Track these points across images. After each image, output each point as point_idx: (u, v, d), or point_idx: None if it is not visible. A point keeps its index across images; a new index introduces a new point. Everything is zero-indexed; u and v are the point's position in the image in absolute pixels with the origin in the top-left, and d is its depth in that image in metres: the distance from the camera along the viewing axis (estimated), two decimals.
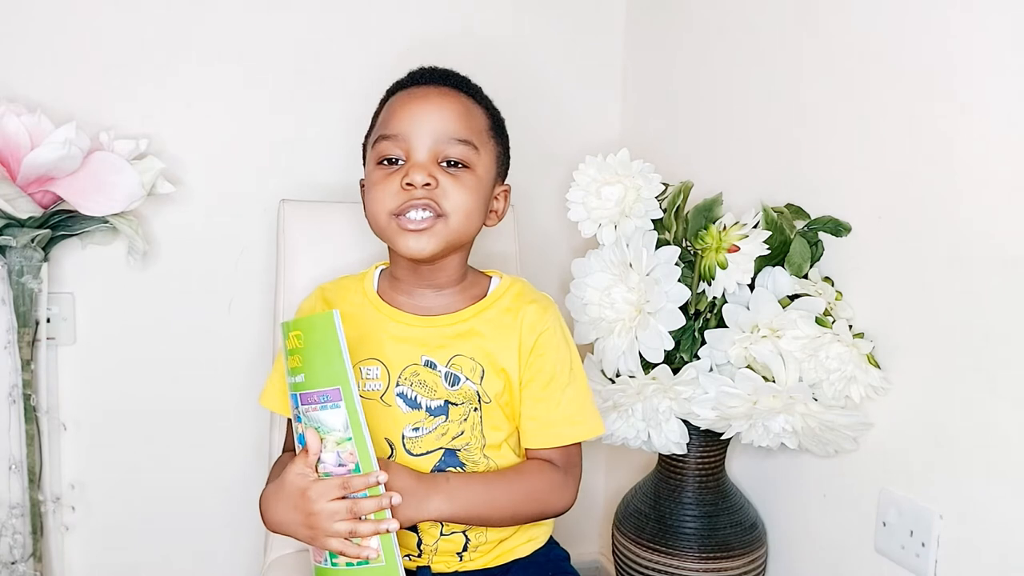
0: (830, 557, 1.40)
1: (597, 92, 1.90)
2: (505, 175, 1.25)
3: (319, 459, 1.04)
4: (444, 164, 1.14)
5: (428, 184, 1.11)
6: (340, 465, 1.02)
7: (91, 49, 1.54)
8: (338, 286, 1.27)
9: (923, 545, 1.20)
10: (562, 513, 1.20)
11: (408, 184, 1.11)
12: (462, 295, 1.22)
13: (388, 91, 1.24)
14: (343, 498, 1.02)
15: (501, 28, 1.79)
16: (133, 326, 1.61)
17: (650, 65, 1.84)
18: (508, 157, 1.26)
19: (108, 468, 1.62)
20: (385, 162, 1.15)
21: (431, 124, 1.13)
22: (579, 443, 1.22)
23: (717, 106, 1.64)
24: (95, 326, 1.59)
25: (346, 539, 1.02)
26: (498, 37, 1.79)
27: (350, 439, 1.01)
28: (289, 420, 1.24)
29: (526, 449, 1.22)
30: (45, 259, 1.48)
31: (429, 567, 1.19)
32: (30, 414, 1.50)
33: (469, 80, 1.23)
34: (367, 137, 1.23)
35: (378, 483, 1.02)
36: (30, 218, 1.43)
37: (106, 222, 1.48)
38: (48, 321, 1.53)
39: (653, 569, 1.42)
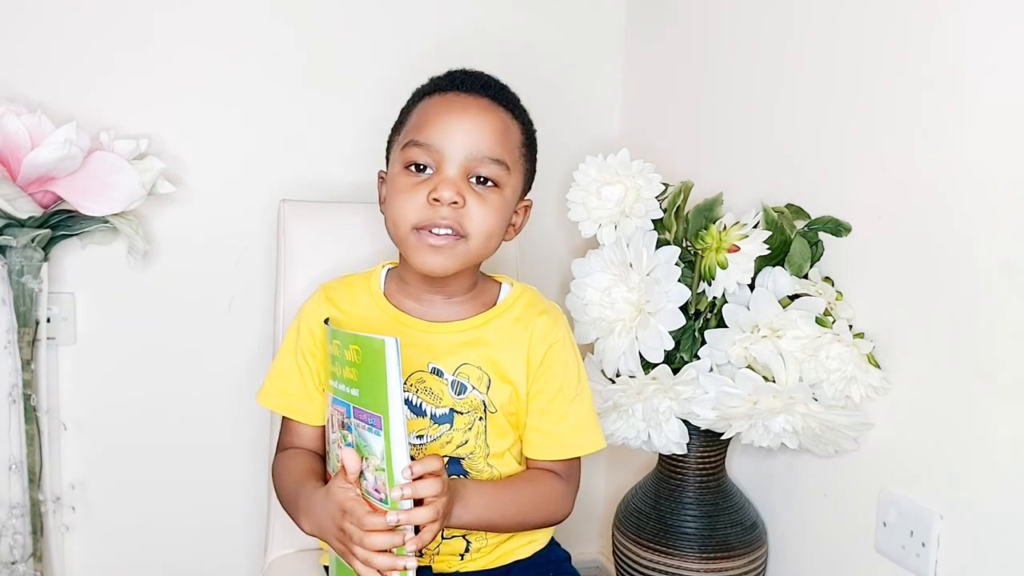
0: (830, 557, 1.39)
1: (597, 91, 1.90)
2: (529, 190, 1.22)
3: (362, 475, 1.01)
4: (473, 180, 1.11)
5: (455, 202, 1.08)
6: (376, 490, 0.99)
7: (92, 49, 1.54)
8: (343, 285, 1.24)
9: (923, 545, 1.20)
10: (560, 522, 1.21)
11: (435, 199, 1.08)
12: (472, 303, 1.20)
13: (423, 89, 1.19)
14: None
15: (501, 27, 1.79)
16: (133, 326, 1.61)
17: (651, 65, 1.84)
18: (535, 172, 1.22)
19: (108, 468, 1.62)
20: (413, 168, 1.12)
21: (466, 139, 1.09)
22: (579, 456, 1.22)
23: (717, 106, 1.64)
24: (95, 326, 1.59)
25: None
26: (498, 36, 1.78)
27: (383, 470, 0.97)
28: (284, 419, 1.24)
29: (528, 459, 1.21)
30: (45, 259, 1.48)
31: (430, 567, 1.19)
32: (30, 414, 1.49)
33: (508, 89, 1.19)
34: (394, 131, 1.20)
35: (397, 524, 0.96)
36: (30, 218, 1.43)
37: (106, 222, 1.48)
38: (48, 321, 1.53)
39: (653, 569, 1.42)
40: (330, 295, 1.22)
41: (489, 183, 1.11)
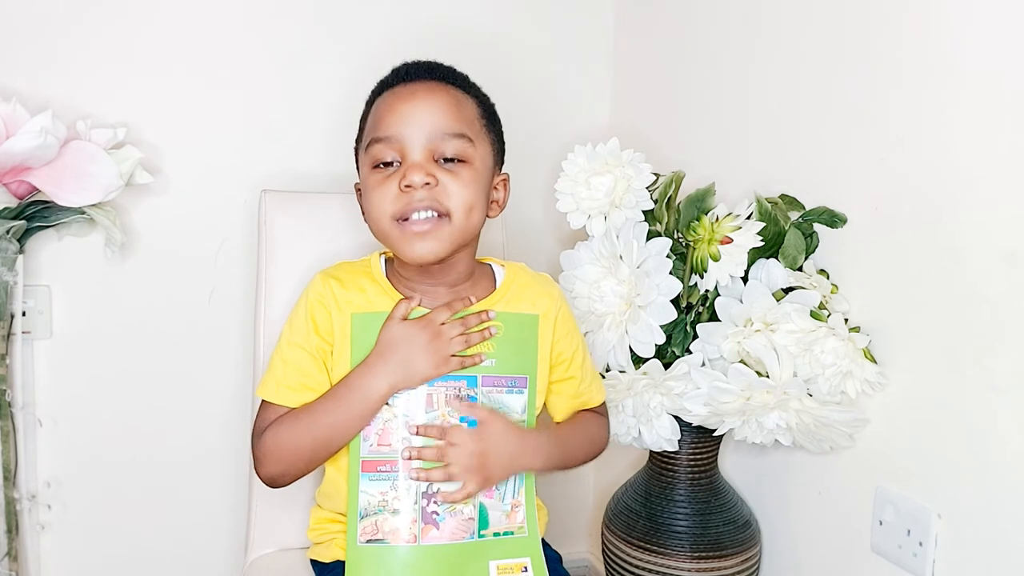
0: (825, 556, 1.39)
1: (587, 80, 1.89)
2: (502, 163, 1.23)
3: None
4: (441, 161, 1.12)
5: (428, 183, 1.09)
6: None
7: (68, 36, 1.52)
8: (345, 272, 1.21)
9: (920, 544, 1.20)
10: (600, 453, 1.28)
11: (407, 186, 1.09)
12: (473, 289, 1.20)
13: (373, 91, 1.21)
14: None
15: (489, 15, 1.78)
16: (111, 319, 1.60)
17: (641, 52, 1.83)
18: (503, 144, 1.24)
19: (85, 465, 1.61)
20: (380, 165, 1.13)
21: (423, 122, 1.11)
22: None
23: (709, 94, 1.63)
24: (72, 320, 1.58)
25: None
26: (486, 24, 1.78)
27: (523, 422, 1.15)
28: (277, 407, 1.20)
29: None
30: (20, 251, 1.46)
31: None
32: (5, 410, 1.48)
33: (455, 70, 1.21)
34: (358, 141, 1.21)
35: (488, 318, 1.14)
36: (5, 209, 1.42)
37: (83, 213, 1.47)
38: (24, 315, 1.52)
39: (644, 569, 1.41)
40: (335, 282, 1.18)
41: (456, 160, 1.13)
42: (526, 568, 1.12)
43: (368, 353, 1.12)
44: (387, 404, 1.11)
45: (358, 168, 1.20)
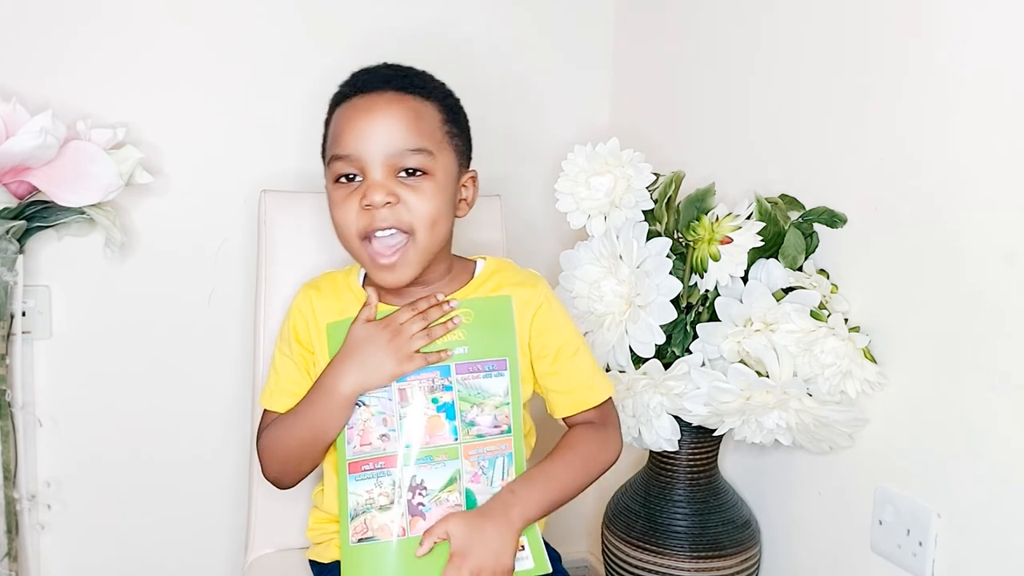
0: (825, 556, 1.38)
1: (586, 79, 1.88)
2: (469, 161, 1.22)
3: (473, 423, 1.13)
4: (402, 174, 1.12)
5: (388, 202, 1.10)
6: (496, 426, 1.14)
7: (69, 36, 1.51)
8: (326, 282, 1.25)
9: (920, 544, 1.19)
10: (615, 461, 1.22)
11: (368, 205, 1.10)
12: (450, 285, 1.21)
13: (333, 99, 1.21)
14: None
15: (488, 14, 1.77)
16: (111, 320, 1.59)
17: (641, 52, 1.82)
18: (470, 143, 1.22)
19: (85, 465, 1.60)
20: (343, 179, 1.14)
21: (382, 138, 1.11)
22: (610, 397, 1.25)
23: (709, 94, 1.62)
24: (72, 320, 1.57)
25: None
26: (485, 23, 1.77)
27: (508, 404, 1.14)
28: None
29: (564, 418, 1.23)
30: (20, 251, 1.46)
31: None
32: (5, 410, 1.47)
33: (414, 74, 1.19)
34: (323, 146, 1.21)
35: (451, 309, 1.15)
36: (5, 209, 1.41)
37: (83, 213, 1.46)
38: (24, 315, 1.51)
39: (644, 569, 1.41)
40: (314, 293, 1.23)
41: (418, 172, 1.12)
42: (524, 547, 1.11)
43: None
44: (364, 404, 1.12)
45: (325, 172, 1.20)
